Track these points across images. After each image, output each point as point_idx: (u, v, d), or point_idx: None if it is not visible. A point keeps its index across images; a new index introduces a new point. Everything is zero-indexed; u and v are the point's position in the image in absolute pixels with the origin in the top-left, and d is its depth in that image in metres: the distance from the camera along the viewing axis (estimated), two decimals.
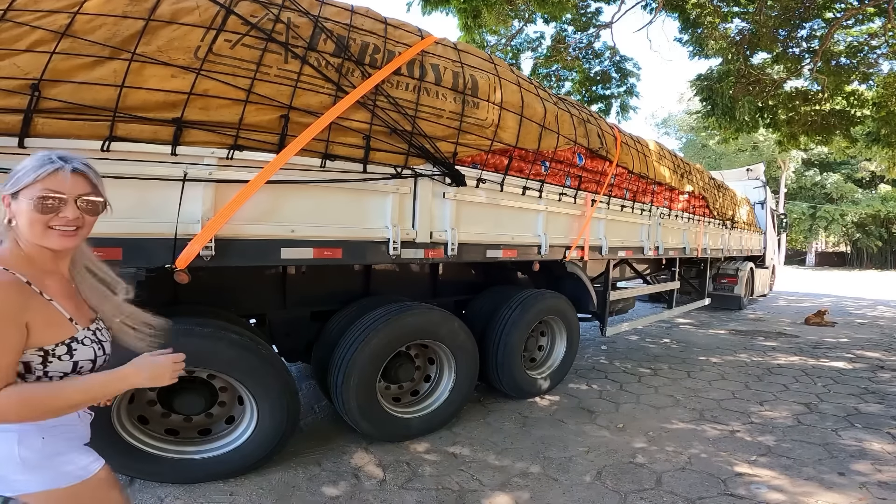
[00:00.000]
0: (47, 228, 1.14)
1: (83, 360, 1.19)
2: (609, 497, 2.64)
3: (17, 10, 1.94)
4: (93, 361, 1.21)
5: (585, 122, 4.01)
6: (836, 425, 3.75)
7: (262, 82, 2.26)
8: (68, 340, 1.16)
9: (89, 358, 1.20)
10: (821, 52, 9.26)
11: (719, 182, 8.03)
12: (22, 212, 1.12)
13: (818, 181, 33.83)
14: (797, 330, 8.10)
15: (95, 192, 1.20)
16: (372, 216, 2.76)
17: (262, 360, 2.55)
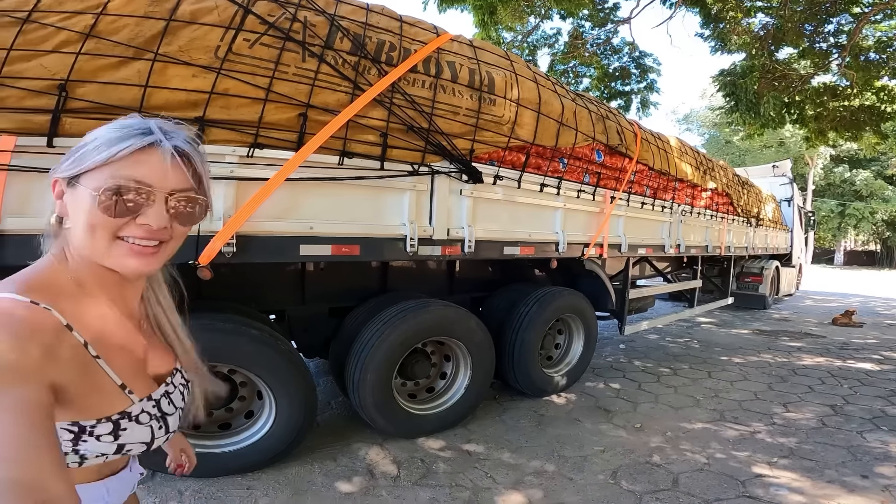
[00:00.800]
0: (115, 239, 0.73)
1: (132, 443, 0.78)
2: (624, 497, 2.62)
3: (42, 10, 1.98)
4: (147, 444, 0.81)
5: (604, 118, 3.97)
6: (861, 427, 3.66)
7: (281, 81, 2.29)
8: (116, 416, 0.76)
9: (142, 441, 0.80)
10: (849, 47, 9.01)
11: (744, 179, 7.87)
12: (80, 207, 0.71)
13: (847, 178, 32.92)
14: (824, 330, 7.91)
15: (199, 187, 0.78)
16: (389, 213, 2.78)
17: (281, 355, 2.59)
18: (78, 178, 0.71)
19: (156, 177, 0.72)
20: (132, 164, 0.71)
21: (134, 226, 0.72)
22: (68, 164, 0.72)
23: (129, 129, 0.72)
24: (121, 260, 0.74)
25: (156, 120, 0.75)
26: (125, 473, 0.86)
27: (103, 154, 0.69)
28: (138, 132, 0.71)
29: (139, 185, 0.71)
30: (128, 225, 0.72)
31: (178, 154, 0.73)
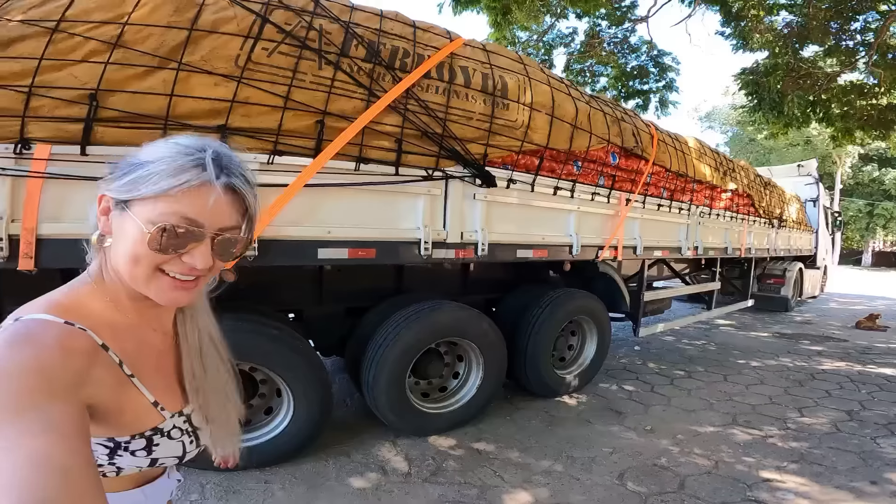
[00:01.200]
0: (157, 272, 0.73)
1: (165, 457, 0.81)
2: (629, 498, 2.66)
3: (70, 20, 2.05)
4: (179, 458, 0.84)
5: (619, 120, 3.98)
6: (875, 433, 3.63)
7: (299, 89, 2.36)
8: (149, 432, 0.78)
9: (174, 455, 0.82)
10: (876, 44, 8.80)
11: (766, 179, 7.76)
12: (127, 234, 0.71)
13: (876, 177, 32.02)
14: (846, 334, 7.77)
15: (246, 223, 0.77)
16: (404, 217, 2.85)
17: (299, 354, 2.68)
18: (128, 203, 0.70)
19: (206, 215, 0.71)
20: (185, 200, 0.69)
21: (179, 262, 0.72)
22: (120, 186, 0.71)
23: (187, 159, 0.69)
24: (160, 292, 0.74)
25: (214, 148, 0.73)
26: (163, 480, 0.88)
27: (158, 186, 0.68)
28: (195, 164, 0.69)
29: (189, 225, 0.70)
30: (173, 261, 0.72)
31: (231, 192, 0.72)
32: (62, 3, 2.07)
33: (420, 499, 2.58)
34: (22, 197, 1.96)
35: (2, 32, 1.97)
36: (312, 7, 2.50)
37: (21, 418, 0.54)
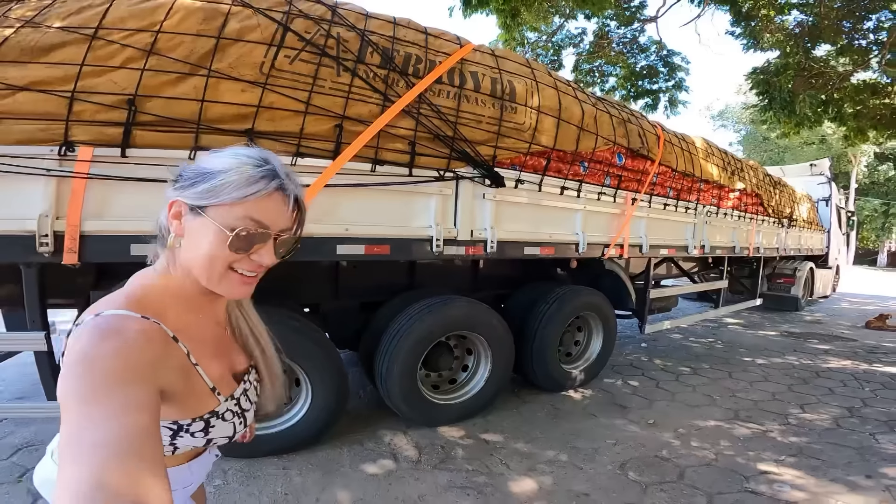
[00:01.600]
0: (228, 270, 0.82)
1: (219, 437, 0.90)
2: (630, 487, 2.76)
3: (107, 28, 2.19)
4: (229, 437, 0.93)
5: (626, 121, 4.09)
6: (875, 430, 3.70)
7: (319, 94, 2.51)
8: (207, 415, 0.86)
9: (226, 435, 0.91)
10: (888, 43, 8.75)
11: (776, 179, 7.79)
12: (202, 236, 0.79)
13: (892, 176, 31.61)
14: (855, 334, 7.79)
15: (298, 225, 0.88)
16: (417, 216, 2.99)
17: (318, 346, 2.84)
18: (204, 208, 0.78)
19: (273, 219, 0.80)
20: (258, 206, 0.78)
21: (247, 261, 0.81)
22: (196, 193, 0.78)
23: (258, 171, 0.78)
24: (229, 287, 0.83)
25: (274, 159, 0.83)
26: (205, 456, 0.99)
27: (235, 194, 0.77)
28: (267, 174, 0.79)
29: (260, 228, 0.79)
30: (242, 259, 0.81)
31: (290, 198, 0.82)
32: (98, 11, 2.21)
33: (429, 484, 2.71)
34: (66, 196, 2.12)
35: (43, 39, 2.12)
36: (330, 16, 2.64)
37: (111, 398, 0.64)
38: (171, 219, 0.82)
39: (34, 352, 2.32)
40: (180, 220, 0.81)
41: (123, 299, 0.79)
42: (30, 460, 2.76)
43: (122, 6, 2.24)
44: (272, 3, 2.50)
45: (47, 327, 2.32)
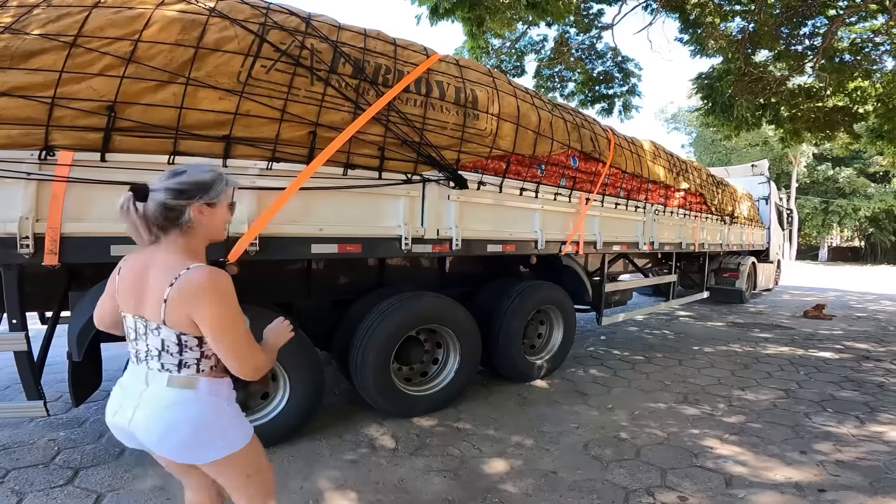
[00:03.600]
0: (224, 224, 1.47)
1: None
2: (592, 465, 2.99)
3: (86, 36, 2.25)
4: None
5: (579, 127, 4.37)
6: (808, 409, 4.04)
7: (293, 102, 2.65)
8: None
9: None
10: (821, 49, 9.41)
11: (719, 179, 8.30)
12: (217, 215, 1.40)
13: (830, 176, 33.65)
14: (794, 323, 8.36)
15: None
16: (386, 216, 3.16)
17: (295, 340, 2.93)
18: (215, 203, 1.39)
19: (232, 196, 1.49)
20: (229, 192, 1.46)
21: (229, 218, 1.50)
22: (211, 197, 1.37)
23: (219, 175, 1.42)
24: (223, 234, 1.50)
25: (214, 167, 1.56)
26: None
27: (227, 190, 1.44)
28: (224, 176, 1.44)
29: (232, 200, 1.49)
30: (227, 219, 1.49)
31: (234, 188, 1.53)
32: (78, 19, 2.28)
33: (407, 469, 2.87)
34: (47, 199, 2.19)
35: (23, 45, 2.17)
36: (304, 28, 2.78)
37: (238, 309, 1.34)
38: (196, 216, 1.36)
39: (14, 352, 2.35)
40: (203, 213, 1.37)
41: (191, 261, 1.34)
42: (9, 461, 2.77)
43: (101, 15, 2.31)
44: (248, 14, 2.61)
45: (27, 328, 2.37)
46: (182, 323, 1.31)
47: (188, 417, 1.35)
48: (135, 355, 1.43)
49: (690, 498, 2.61)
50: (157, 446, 1.37)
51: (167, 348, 1.35)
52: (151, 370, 1.38)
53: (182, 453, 1.39)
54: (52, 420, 3.34)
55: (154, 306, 1.31)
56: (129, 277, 1.40)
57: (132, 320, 1.40)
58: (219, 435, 1.41)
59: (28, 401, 2.44)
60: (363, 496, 2.55)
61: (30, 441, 3.04)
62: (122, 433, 1.44)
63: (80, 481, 2.60)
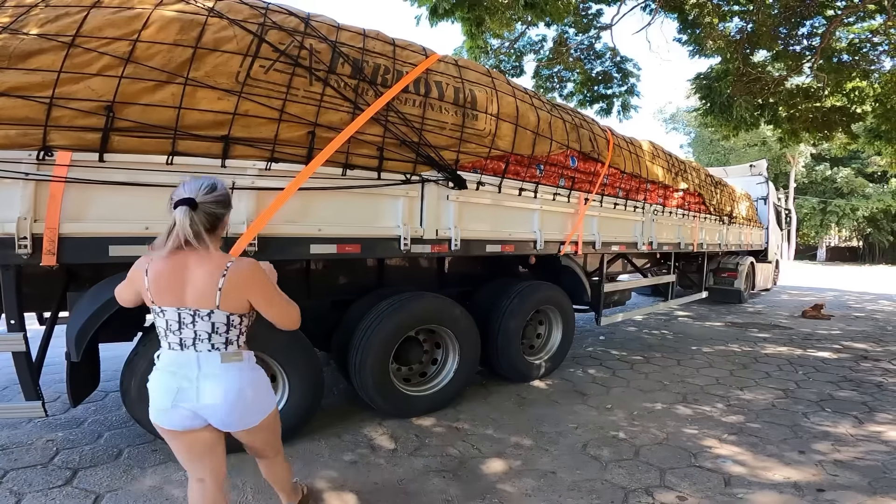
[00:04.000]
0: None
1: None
2: (591, 465, 2.99)
3: (84, 36, 2.25)
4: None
5: (578, 127, 4.37)
6: (807, 409, 4.05)
7: (292, 102, 2.64)
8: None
9: None
10: (819, 49, 9.43)
11: (717, 179, 8.31)
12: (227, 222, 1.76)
13: (828, 176, 33.71)
14: (793, 323, 8.38)
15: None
16: (385, 216, 3.16)
17: (295, 341, 2.94)
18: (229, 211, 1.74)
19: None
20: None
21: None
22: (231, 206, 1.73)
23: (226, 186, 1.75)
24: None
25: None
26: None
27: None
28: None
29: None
30: None
31: None
32: (76, 20, 2.27)
33: (406, 469, 2.87)
34: (45, 199, 2.19)
35: (21, 46, 2.16)
36: (303, 28, 2.77)
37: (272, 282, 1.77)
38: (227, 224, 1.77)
39: (12, 353, 2.35)
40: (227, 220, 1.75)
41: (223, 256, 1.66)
42: (7, 462, 2.77)
43: (99, 15, 2.31)
44: (247, 14, 2.61)
45: (25, 328, 2.36)
46: (234, 305, 1.63)
47: (247, 384, 1.69)
48: (178, 343, 1.63)
49: (689, 498, 2.61)
50: (228, 414, 1.66)
51: (217, 329, 1.63)
52: (201, 353, 1.63)
53: (246, 417, 1.72)
54: (51, 420, 3.34)
55: (205, 296, 1.59)
56: (163, 277, 1.59)
57: (174, 312, 1.61)
58: (264, 396, 1.78)
59: (26, 401, 2.43)
60: (362, 496, 2.55)
61: (28, 441, 3.04)
62: (181, 415, 1.64)
63: (78, 482, 2.60)
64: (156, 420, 1.68)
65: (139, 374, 2.57)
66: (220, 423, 1.69)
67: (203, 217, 1.57)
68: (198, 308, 1.60)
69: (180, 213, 1.53)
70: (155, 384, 1.67)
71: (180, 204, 1.54)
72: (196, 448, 1.73)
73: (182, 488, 2.55)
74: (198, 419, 1.65)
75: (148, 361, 2.59)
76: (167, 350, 1.67)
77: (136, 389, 2.57)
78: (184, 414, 1.63)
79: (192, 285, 1.59)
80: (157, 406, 1.66)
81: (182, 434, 1.68)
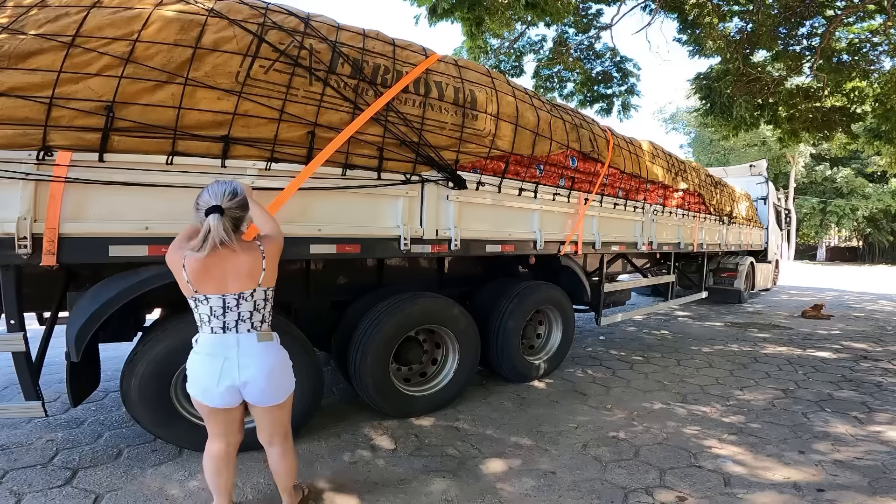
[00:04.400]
0: None
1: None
2: (591, 465, 2.99)
3: (84, 36, 2.24)
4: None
5: (578, 127, 4.37)
6: (806, 409, 4.05)
7: (292, 103, 2.64)
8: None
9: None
10: (819, 49, 9.43)
11: (717, 179, 8.31)
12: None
13: (828, 176, 33.72)
14: (792, 322, 8.38)
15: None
16: (385, 216, 3.16)
17: (294, 341, 2.93)
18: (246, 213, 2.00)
19: None
20: None
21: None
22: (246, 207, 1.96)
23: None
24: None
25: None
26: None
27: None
28: None
29: None
30: None
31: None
32: (75, 20, 2.27)
33: (406, 469, 2.86)
34: (45, 199, 2.18)
35: (20, 46, 2.16)
36: (303, 28, 2.77)
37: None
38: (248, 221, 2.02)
39: (12, 353, 2.35)
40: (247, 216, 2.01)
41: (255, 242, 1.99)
42: (7, 462, 2.77)
43: (99, 15, 2.31)
44: (247, 14, 2.61)
45: (25, 328, 2.36)
46: (271, 278, 1.98)
47: (280, 359, 2.01)
48: (221, 327, 1.90)
49: (689, 498, 2.61)
50: (263, 389, 1.94)
51: (257, 307, 1.94)
52: (241, 333, 1.91)
53: (278, 391, 2.00)
54: (51, 420, 3.34)
55: (247, 280, 1.90)
56: (204, 270, 1.84)
57: (218, 299, 1.88)
58: (290, 375, 2.08)
59: (26, 401, 2.43)
60: (362, 496, 2.55)
61: (28, 442, 3.04)
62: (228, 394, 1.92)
63: (78, 482, 2.59)
64: (201, 399, 1.95)
65: (139, 375, 2.57)
66: (255, 397, 1.96)
67: (229, 221, 1.85)
68: (242, 291, 1.89)
69: (213, 220, 1.79)
70: (198, 367, 1.92)
71: (211, 212, 1.80)
72: (231, 422, 2.06)
73: (182, 488, 2.56)
74: (237, 395, 1.94)
75: (148, 362, 2.62)
76: (209, 334, 1.91)
77: (136, 390, 2.57)
78: (226, 392, 1.90)
79: (234, 274, 1.88)
80: (203, 386, 1.92)
81: (224, 411, 1.99)
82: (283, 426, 2.15)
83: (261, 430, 2.15)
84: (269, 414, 2.05)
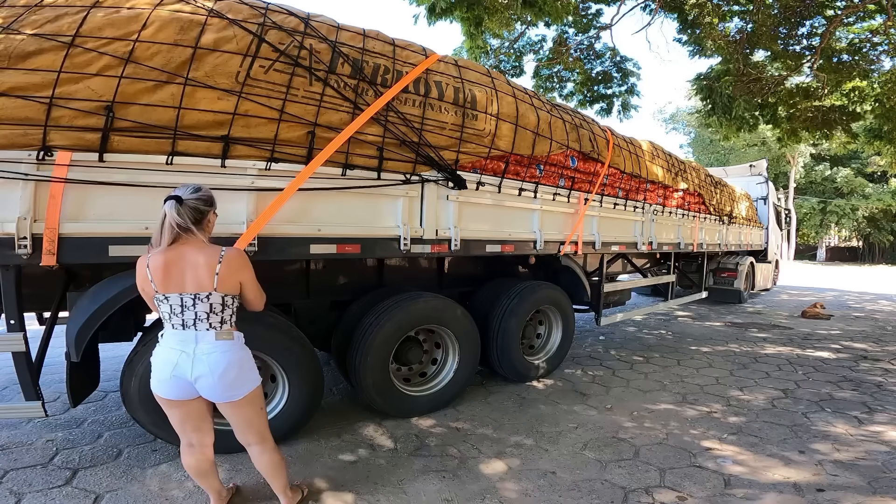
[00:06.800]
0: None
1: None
2: (591, 465, 2.99)
3: (83, 36, 2.25)
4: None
5: (578, 127, 4.37)
6: (807, 409, 4.04)
7: (292, 102, 2.64)
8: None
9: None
10: (819, 49, 9.43)
11: (717, 179, 8.31)
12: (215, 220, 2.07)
13: (828, 176, 33.71)
14: (792, 322, 8.38)
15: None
16: (385, 216, 3.16)
17: (294, 341, 2.94)
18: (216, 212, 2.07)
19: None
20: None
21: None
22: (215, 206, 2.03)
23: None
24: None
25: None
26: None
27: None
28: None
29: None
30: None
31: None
32: (75, 20, 2.27)
33: (406, 469, 2.86)
34: (45, 199, 2.19)
35: (20, 46, 2.16)
36: (303, 28, 2.77)
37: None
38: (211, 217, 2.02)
39: (12, 353, 2.35)
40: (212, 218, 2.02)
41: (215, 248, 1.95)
42: (7, 462, 2.77)
43: (98, 15, 2.31)
44: (247, 14, 2.61)
45: (25, 328, 2.36)
46: (228, 287, 1.96)
47: (236, 359, 1.98)
48: (180, 324, 1.92)
49: (689, 498, 2.61)
50: (216, 384, 1.93)
51: (214, 310, 1.93)
52: (199, 331, 1.92)
53: (231, 389, 1.97)
54: (51, 420, 3.34)
55: (203, 281, 1.89)
56: (163, 268, 1.86)
57: (177, 298, 1.90)
58: (249, 372, 2.04)
59: (26, 401, 2.43)
60: (362, 497, 2.55)
61: (28, 442, 3.04)
62: (177, 385, 1.94)
63: (78, 482, 2.60)
64: (156, 390, 1.98)
65: (139, 375, 2.57)
66: (209, 393, 1.97)
67: (189, 210, 1.88)
68: (198, 292, 1.90)
69: (168, 206, 1.84)
70: (157, 358, 1.97)
71: (168, 199, 1.86)
72: (190, 417, 2.05)
73: (182, 488, 2.56)
74: (190, 389, 1.95)
75: (148, 363, 2.61)
76: (171, 330, 1.95)
77: (136, 390, 2.57)
78: (179, 384, 1.93)
79: (192, 273, 1.89)
80: (157, 377, 1.96)
81: (178, 403, 2.00)
82: (254, 425, 2.13)
83: (234, 429, 2.16)
84: (230, 410, 2.06)
